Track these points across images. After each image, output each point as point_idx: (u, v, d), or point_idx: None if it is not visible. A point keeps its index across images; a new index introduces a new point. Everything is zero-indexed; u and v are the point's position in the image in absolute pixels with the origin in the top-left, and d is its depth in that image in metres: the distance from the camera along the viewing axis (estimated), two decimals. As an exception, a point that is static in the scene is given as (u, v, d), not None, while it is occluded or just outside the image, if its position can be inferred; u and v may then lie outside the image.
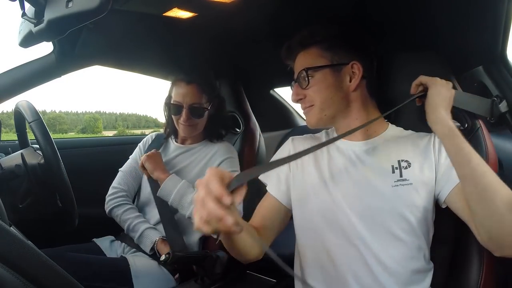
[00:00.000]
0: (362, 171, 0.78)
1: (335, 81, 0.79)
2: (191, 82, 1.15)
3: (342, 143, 0.83)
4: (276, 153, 0.91)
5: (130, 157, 1.32)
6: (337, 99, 0.80)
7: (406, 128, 0.85)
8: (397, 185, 0.74)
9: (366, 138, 0.82)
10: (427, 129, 0.77)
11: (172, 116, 1.19)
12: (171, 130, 1.28)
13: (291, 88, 0.86)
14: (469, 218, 0.68)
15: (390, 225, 0.73)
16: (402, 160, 0.76)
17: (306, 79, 0.80)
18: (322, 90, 0.79)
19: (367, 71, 0.81)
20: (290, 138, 0.91)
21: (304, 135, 0.93)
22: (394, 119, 0.88)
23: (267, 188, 0.87)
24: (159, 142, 1.30)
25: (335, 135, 0.87)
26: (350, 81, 0.80)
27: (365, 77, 0.81)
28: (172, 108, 1.17)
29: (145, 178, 1.25)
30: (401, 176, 0.75)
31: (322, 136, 0.91)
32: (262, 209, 0.84)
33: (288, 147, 0.89)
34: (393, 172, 0.75)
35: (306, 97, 0.81)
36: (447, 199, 0.72)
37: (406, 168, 0.75)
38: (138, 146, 1.34)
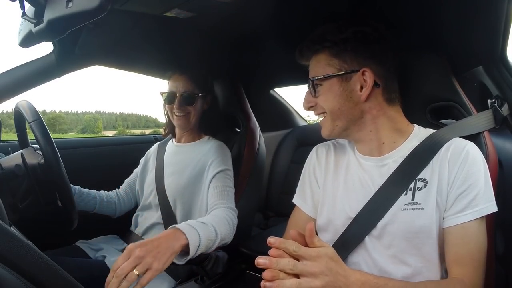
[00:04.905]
0: (373, 190, 0.74)
1: (343, 91, 0.74)
2: (183, 73, 1.22)
3: (360, 157, 0.80)
4: (305, 165, 0.91)
5: (135, 171, 1.36)
6: (346, 109, 0.74)
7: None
8: (407, 209, 0.69)
9: (381, 153, 0.77)
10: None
11: (167, 106, 1.22)
12: (169, 129, 1.32)
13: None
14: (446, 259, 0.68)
15: (396, 249, 0.70)
16: (419, 179, 0.70)
17: (314, 88, 0.77)
18: (329, 100, 0.75)
19: (381, 78, 0.74)
20: (315, 147, 0.90)
21: (327, 141, 0.90)
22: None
23: (296, 204, 0.90)
24: (163, 149, 1.32)
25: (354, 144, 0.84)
26: (361, 90, 0.73)
27: (378, 85, 0.73)
28: (166, 97, 1.22)
29: (146, 181, 1.27)
30: (412, 199, 0.70)
31: (345, 143, 0.87)
32: (295, 222, 0.89)
33: (313, 158, 0.89)
34: (406, 194, 0.70)
35: (316, 104, 0.78)
36: (445, 230, 0.68)
37: (420, 189, 0.70)
38: (144, 158, 1.36)
